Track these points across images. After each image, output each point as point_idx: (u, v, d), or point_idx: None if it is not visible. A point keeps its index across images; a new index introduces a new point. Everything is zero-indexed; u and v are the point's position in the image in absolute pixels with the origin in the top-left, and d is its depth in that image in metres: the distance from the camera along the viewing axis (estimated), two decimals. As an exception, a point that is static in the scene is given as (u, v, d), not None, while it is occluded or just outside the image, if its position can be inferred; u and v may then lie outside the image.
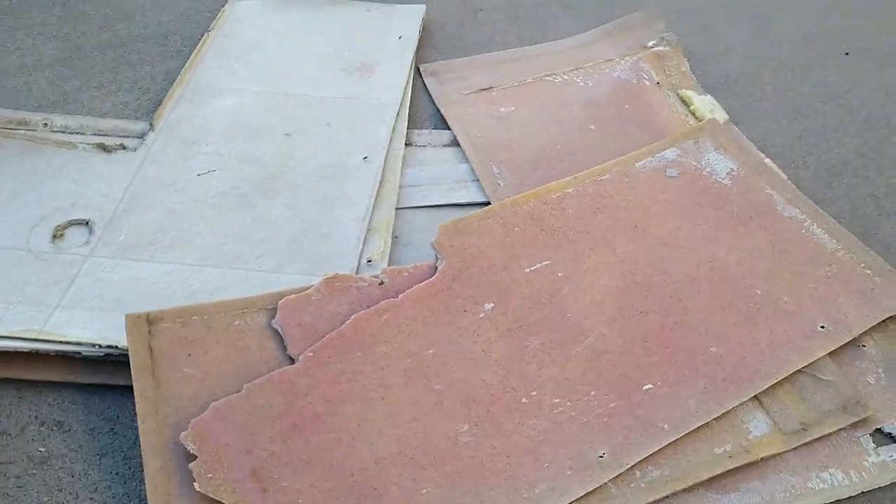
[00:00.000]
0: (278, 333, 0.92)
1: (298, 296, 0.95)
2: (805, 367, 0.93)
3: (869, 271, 1.02)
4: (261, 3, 1.53)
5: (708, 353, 0.94)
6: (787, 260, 1.04)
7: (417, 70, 1.42)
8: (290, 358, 0.90)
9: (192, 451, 0.81)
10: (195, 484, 0.79)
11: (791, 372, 0.92)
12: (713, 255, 1.04)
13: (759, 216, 1.09)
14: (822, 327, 0.96)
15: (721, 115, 1.28)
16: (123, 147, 1.21)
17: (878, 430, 0.90)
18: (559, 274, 1.01)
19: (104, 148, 1.20)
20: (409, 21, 1.49)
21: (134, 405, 0.87)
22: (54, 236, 1.08)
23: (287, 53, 1.42)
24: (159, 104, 1.30)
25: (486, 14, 1.55)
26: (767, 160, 1.19)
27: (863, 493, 0.85)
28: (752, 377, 0.92)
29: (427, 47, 1.47)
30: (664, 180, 1.13)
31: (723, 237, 1.06)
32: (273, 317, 0.94)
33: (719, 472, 0.85)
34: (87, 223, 1.10)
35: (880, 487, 0.85)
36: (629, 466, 0.84)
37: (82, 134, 1.24)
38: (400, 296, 0.96)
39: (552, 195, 1.09)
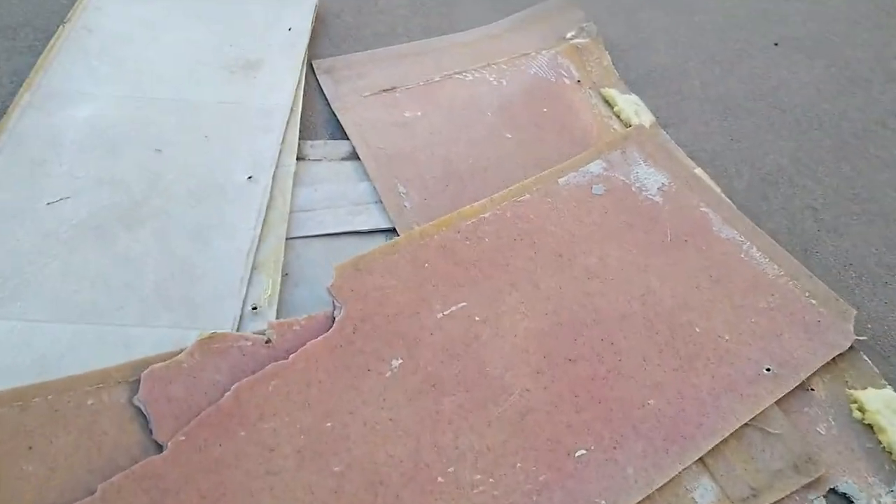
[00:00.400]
0: (142, 413, 0.77)
1: (167, 363, 0.79)
2: (752, 419, 0.84)
3: (814, 301, 0.94)
4: (130, -10, 1.32)
5: (645, 407, 0.83)
6: (726, 289, 0.94)
7: (310, 66, 1.25)
8: (158, 444, 0.75)
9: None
10: None
11: (737, 427, 0.83)
12: (646, 287, 0.93)
13: (693, 238, 0.99)
14: (768, 370, 0.87)
15: (647, 118, 1.17)
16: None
17: (832, 490, 0.81)
18: (476, 318, 0.88)
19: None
20: (301, 10, 1.31)
21: None
22: None
23: (158, 49, 1.22)
24: (4, 113, 1.10)
25: (388, 1, 1.39)
26: (699, 170, 1.09)
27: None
28: (694, 435, 0.82)
29: (321, 39, 1.30)
30: (590, 199, 1.01)
31: (655, 264, 0.95)
32: (135, 391, 0.78)
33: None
34: None
35: (837, 558, 0.77)
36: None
37: None
38: (291, 356, 0.81)
39: (466, 222, 0.96)
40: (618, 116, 1.18)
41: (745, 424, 0.83)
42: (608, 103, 1.20)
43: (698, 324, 0.91)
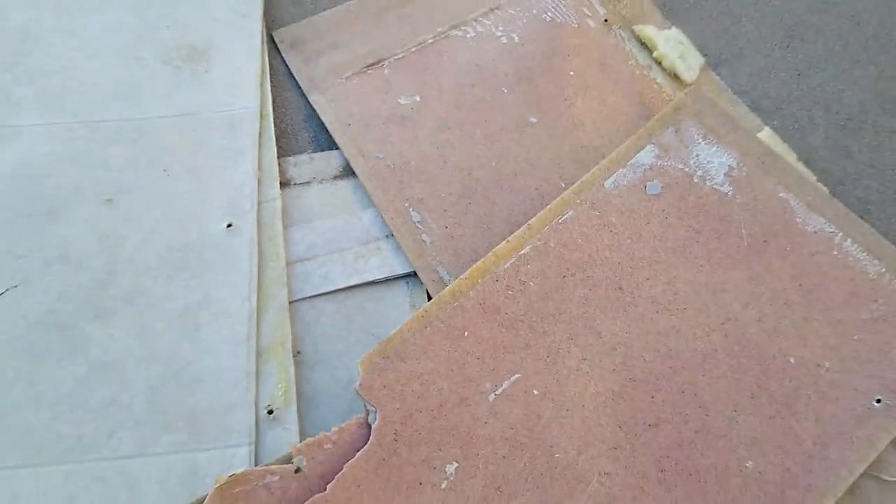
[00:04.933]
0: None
1: (185, 523, 0.74)
2: (868, 468, 0.80)
3: (914, 294, 0.87)
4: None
5: (744, 472, 0.79)
6: (821, 302, 0.87)
7: (270, 39, 1.11)
8: None
9: None
10: None
11: (852, 481, 0.79)
12: (726, 314, 0.86)
13: (776, 237, 0.91)
14: (878, 401, 0.82)
15: (695, 61, 1.06)
16: None
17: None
18: (535, 391, 0.82)
19: None
20: (243, -42, 1.15)
21: None
22: None
23: (78, 46, 1.08)
24: None
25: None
26: (767, 130, 0.99)
27: None
28: (804, 499, 0.78)
29: (274, -5, 1.14)
30: (646, 203, 0.92)
31: (734, 281, 0.88)
32: (155, 563, 0.73)
33: None
34: None
35: None
36: None
37: None
38: (329, 485, 0.76)
39: (504, 265, 0.87)
40: (659, 63, 1.06)
41: (864, 474, 0.79)
42: (645, 46, 1.07)
43: (793, 353, 0.85)
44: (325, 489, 0.76)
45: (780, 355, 0.85)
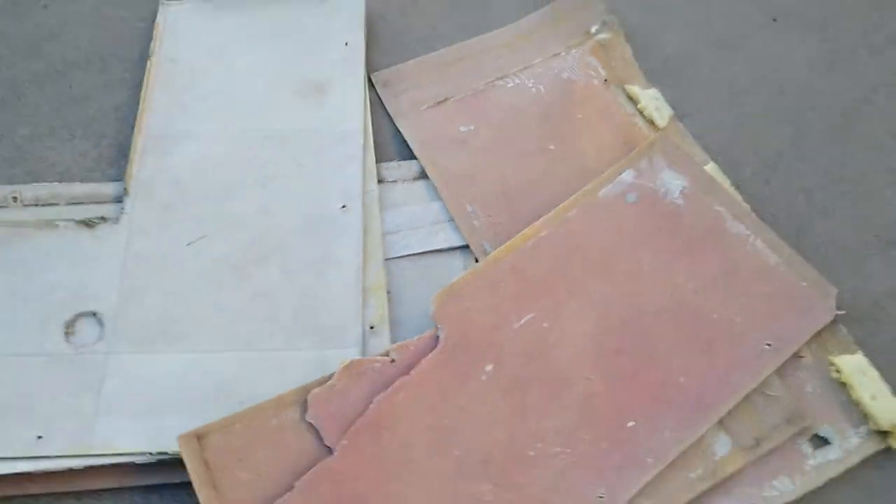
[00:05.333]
0: (314, 426, 1.13)
1: (323, 388, 1.15)
2: (753, 385, 1.20)
3: (804, 283, 1.28)
4: (192, 7, 1.57)
5: (677, 386, 1.20)
6: (737, 280, 1.28)
7: (369, 80, 1.52)
8: (329, 448, 1.12)
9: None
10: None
11: (745, 393, 1.20)
12: (674, 285, 1.27)
13: (710, 236, 1.32)
14: (769, 345, 1.23)
15: (666, 112, 1.47)
16: (104, 219, 1.32)
17: (815, 435, 1.19)
18: (544, 325, 1.23)
19: (87, 224, 1.31)
20: (350, 20, 1.56)
21: (190, 497, 1.08)
22: (67, 333, 1.22)
23: (234, 75, 1.49)
24: (119, 149, 1.39)
25: (424, 4, 1.63)
26: (712, 164, 1.40)
27: (804, 496, 1.16)
28: (715, 403, 1.18)
29: (371, 46, 1.56)
30: (625, 208, 1.33)
31: (680, 263, 1.29)
32: (304, 410, 1.14)
33: (695, 495, 1.13)
34: (95, 314, 1.23)
35: (823, 486, 1.16)
36: (631, 497, 1.11)
37: (56, 205, 1.34)
38: (412, 371, 1.17)
39: (528, 242, 1.29)
40: (641, 113, 1.47)
41: (754, 390, 1.20)
42: (632, 100, 1.49)
43: (716, 311, 1.25)
44: (409, 374, 1.18)
45: (707, 313, 1.26)
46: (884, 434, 1.18)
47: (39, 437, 1.13)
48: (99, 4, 1.60)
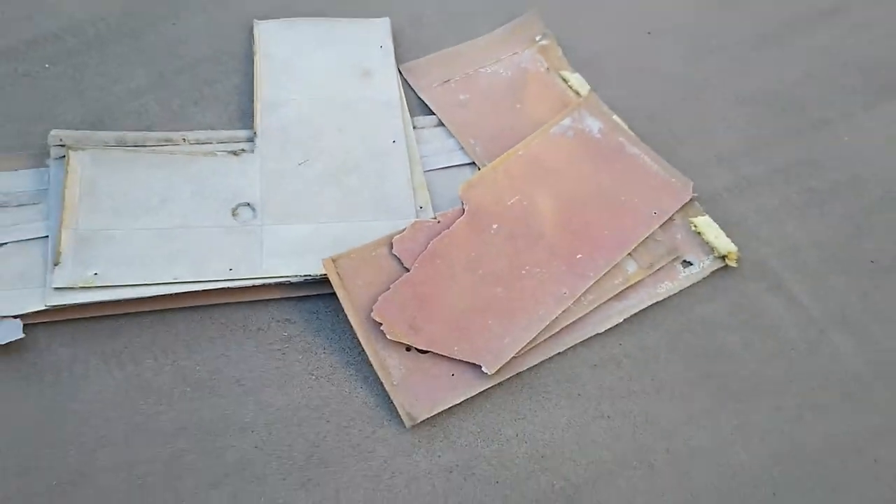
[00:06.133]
0: (397, 257, 1.80)
1: (400, 235, 1.81)
2: (647, 236, 1.94)
3: (674, 179, 2.02)
4: (277, 23, 2.24)
5: (603, 236, 1.90)
6: (633, 179, 2.01)
7: (398, 69, 2.23)
8: (406, 268, 1.79)
9: (377, 320, 1.70)
10: (385, 334, 1.69)
11: (642, 239, 1.93)
12: (597, 182, 1.99)
13: (616, 155, 2.05)
14: (655, 213, 1.96)
15: (586, 88, 2.21)
16: (244, 151, 1.96)
17: (684, 260, 1.93)
18: (524, 203, 1.93)
19: (234, 153, 1.95)
20: (383, 32, 2.26)
21: (327, 303, 1.74)
22: (234, 215, 1.86)
23: (311, 64, 2.15)
24: (243, 113, 2.05)
25: (429, 22, 2.35)
26: (616, 116, 2.15)
27: (679, 293, 1.88)
28: (625, 244, 1.90)
29: (397, 48, 2.26)
30: (567, 140, 2.06)
31: (601, 170, 2.01)
32: (391, 248, 1.81)
33: (617, 292, 1.85)
34: (249, 204, 1.88)
35: (685, 288, 1.89)
36: (577, 296, 1.82)
37: (211, 143, 1.98)
38: (451, 227, 1.85)
39: (513, 156, 2.00)
40: (570, 88, 2.21)
41: (647, 237, 1.93)
42: (565, 80, 2.23)
43: (623, 196, 1.98)
44: (449, 228, 1.86)
45: (618, 196, 1.96)
46: (722, 258, 1.93)
47: (230, 269, 1.76)
48: (211, 20, 2.25)
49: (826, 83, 2.26)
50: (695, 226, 1.93)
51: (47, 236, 1.76)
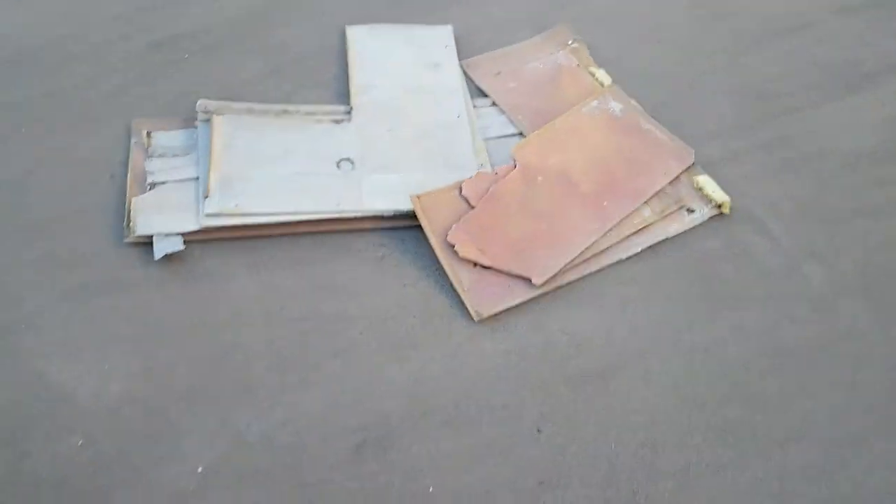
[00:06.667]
0: (465, 198, 2.25)
1: (468, 180, 2.26)
2: (659, 189, 2.38)
3: (679, 147, 2.46)
4: (366, 28, 2.72)
5: (625, 188, 2.35)
6: (647, 148, 2.44)
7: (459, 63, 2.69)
8: (471, 206, 2.24)
9: (451, 242, 2.14)
10: (458, 253, 2.13)
11: (655, 191, 2.37)
12: (619, 148, 2.42)
13: (634, 129, 2.47)
14: (664, 172, 2.40)
15: (608, 80, 2.67)
16: (343, 120, 2.42)
17: (688, 209, 2.37)
18: (562, 161, 2.38)
19: (336, 121, 2.41)
20: (447, 35, 2.72)
21: (410, 233, 2.18)
22: (337, 166, 2.32)
23: (392, 58, 2.58)
24: (340, 94, 2.51)
25: (480, 30, 2.83)
26: (634, 100, 2.61)
27: (684, 232, 2.31)
28: (642, 195, 2.33)
29: (458, 48, 2.73)
30: (595, 116, 2.49)
31: (621, 139, 2.44)
32: (459, 190, 2.26)
33: (635, 230, 2.28)
34: (349, 159, 2.33)
35: (689, 229, 2.33)
36: (604, 232, 2.24)
37: (316, 114, 2.44)
38: (506, 177, 2.30)
39: (553, 126, 2.45)
40: (596, 79, 2.67)
41: (658, 191, 2.37)
42: (592, 74, 2.69)
43: (640, 158, 2.43)
44: (504, 178, 2.31)
45: (636, 158, 2.42)
46: (719, 206, 2.36)
47: (338, 204, 2.21)
48: (314, 25, 2.70)
49: (797, 80, 2.69)
50: (696, 183, 2.35)
51: (198, 178, 2.21)
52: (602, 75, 2.60)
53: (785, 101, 2.59)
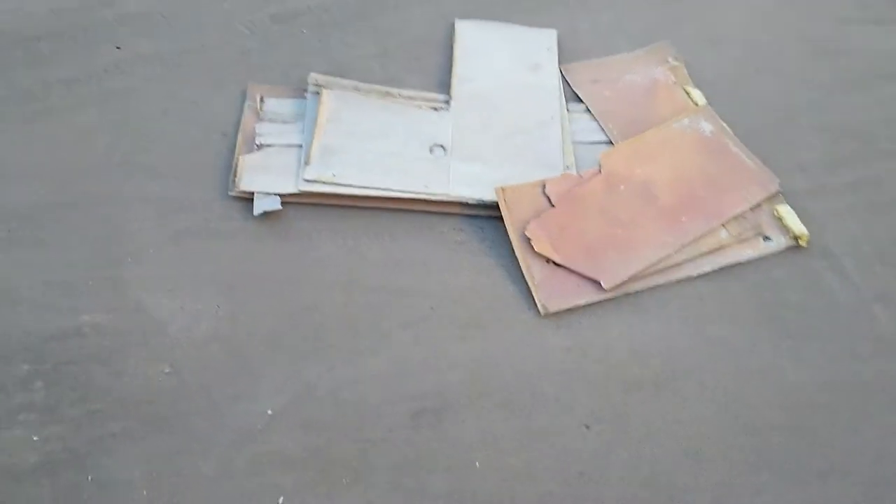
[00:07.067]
0: (547, 196, 2.31)
1: (553, 179, 2.33)
2: (739, 213, 2.39)
3: (764, 175, 2.47)
4: (473, 23, 2.80)
5: (705, 207, 2.37)
6: (732, 170, 2.45)
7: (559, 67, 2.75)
8: (553, 205, 2.30)
9: (529, 236, 2.20)
10: (534, 247, 2.20)
11: (734, 214, 2.38)
12: (704, 168, 2.45)
13: (721, 151, 2.49)
14: (746, 197, 2.41)
15: (703, 99, 2.68)
16: (442, 108, 2.51)
17: (765, 236, 2.37)
18: (647, 173, 2.42)
19: (434, 108, 2.51)
20: (550, 39, 2.78)
21: (491, 223, 2.25)
22: (430, 151, 2.41)
23: (495, 54, 2.67)
24: (441, 84, 2.60)
25: (583, 37, 2.87)
26: (725, 124, 2.62)
27: (758, 259, 2.32)
28: (720, 216, 2.35)
29: (559, 52, 2.79)
30: (684, 134, 2.52)
31: (708, 160, 2.46)
32: (544, 189, 2.32)
33: (710, 250, 2.30)
34: (442, 146, 2.43)
35: (763, 256, 2.33)
36: (679, 247, 2.27)
37: (417, 100, 2.54)
38: (590, 181, 2.35)
39: (643, 138, 2.49)
40: (691, 99, 2.69)
41: (738, 214, 2.38)
42: (687, 93, 2.71)
43: (723, 181, 2.44)
44: (588, 181, 2.36)
45: (719, 180, 2.44)
46: (795, 238, 2.36)
47: (426, 185, 2.30)
48: (424, 13, 2.80)
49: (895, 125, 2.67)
50: (777, 212, 2.35)
51: (301, 145, 2.33)
52: (697, 95, 2.61)
53: (880, 145, 2.56)
